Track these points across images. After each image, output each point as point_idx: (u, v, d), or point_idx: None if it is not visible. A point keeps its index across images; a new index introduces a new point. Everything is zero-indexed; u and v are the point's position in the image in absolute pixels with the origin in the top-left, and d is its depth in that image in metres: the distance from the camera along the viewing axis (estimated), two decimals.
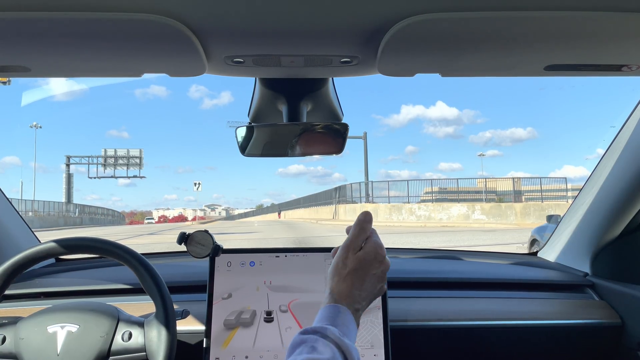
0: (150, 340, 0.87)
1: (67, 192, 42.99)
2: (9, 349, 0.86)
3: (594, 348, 1.15)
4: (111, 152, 44.57)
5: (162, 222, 58.44)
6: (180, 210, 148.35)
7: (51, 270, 1.40)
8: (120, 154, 44.61)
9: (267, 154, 1.05)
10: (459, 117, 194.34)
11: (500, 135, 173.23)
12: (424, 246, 9.30)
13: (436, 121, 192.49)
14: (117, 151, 44.52)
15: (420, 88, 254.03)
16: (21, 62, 0.71)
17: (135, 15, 0.58)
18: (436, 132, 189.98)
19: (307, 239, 13.54)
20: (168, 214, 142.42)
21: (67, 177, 44.96)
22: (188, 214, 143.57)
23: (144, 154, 44.78)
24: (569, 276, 1.31)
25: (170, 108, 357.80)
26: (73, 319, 0.88)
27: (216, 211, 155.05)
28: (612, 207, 1.16)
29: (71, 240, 0.89)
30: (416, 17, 0.59)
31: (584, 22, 0.60)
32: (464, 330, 1.12)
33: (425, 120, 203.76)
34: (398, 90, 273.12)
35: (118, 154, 44.51)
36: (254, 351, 0.99)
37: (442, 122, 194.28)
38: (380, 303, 1.01)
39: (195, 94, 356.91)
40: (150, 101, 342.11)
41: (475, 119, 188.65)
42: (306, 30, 0.65)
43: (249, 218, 64.22)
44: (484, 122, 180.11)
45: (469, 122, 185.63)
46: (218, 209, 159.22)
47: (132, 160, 45.49)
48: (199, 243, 0.96)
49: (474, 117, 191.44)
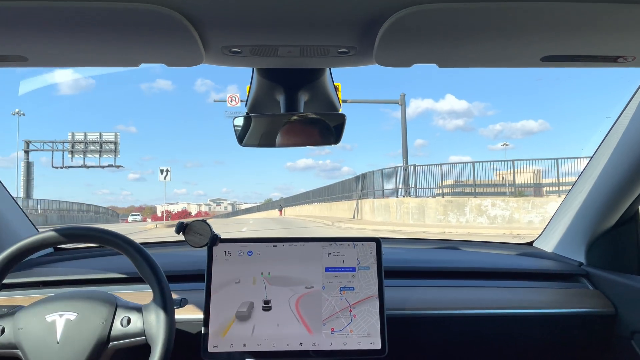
0: (149, 324, 0.88)
1: (25, 184, 35.04)
2: (8, 340, 0.87)
3: (588, 336, 1.17)
4: (80, 136, 36.46)
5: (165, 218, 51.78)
6: (184, 205, 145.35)
7: (50, 259, 1.41)
8: (91, 138, 36.48)
9: (264, 143, 1.05)
10: (469, 109, 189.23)
11: (511, 128, 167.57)
12: None
13: (445, 114, 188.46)
14: (88, 135, 36.46)
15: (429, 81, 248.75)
16: (18, 52, 0.71)
17: (133, 5, 0.58)
18: (445, 124, 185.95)
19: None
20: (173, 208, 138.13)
21: (26, 167, 36.61)
22: (192, 209, 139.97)
23: (120, 138, 36.66)
24: (564, 266, 1.32)
25: (177, 102, 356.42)
26: (71, 307, 0.89)
27: (222, 206, 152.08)
28: (607, 197, 1.17)
29: (68, 230, 0.89)
30: (413, 7, 0.59)
31: (580, 13, 0.60)
32: (460, 318, 1.13)
33: (435, 113, 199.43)
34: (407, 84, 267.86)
35: (89, 138, 36.39)
36: (252, 339, 1.01)
37: (452, 114, 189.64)
38: (377, 292, 1.03)
39: (201, 88, 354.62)
40: (157, 95, 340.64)
41: (486, 111, 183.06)
42: (303, 21, 0.65)
43: (248, 215, 59.53)
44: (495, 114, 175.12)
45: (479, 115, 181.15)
46: (224, 204, 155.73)
47: (105, 146, 37.25)
48: (197, 232, 0.98)
49: (484, 109, 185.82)
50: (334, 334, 1.01)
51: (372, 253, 1.06)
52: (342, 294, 1.03)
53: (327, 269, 1.05)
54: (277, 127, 1.02)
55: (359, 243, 1.07)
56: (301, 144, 1.02)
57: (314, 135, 1.02)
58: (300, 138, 1.02)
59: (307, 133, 1.02)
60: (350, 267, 1.05)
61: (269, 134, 1.03)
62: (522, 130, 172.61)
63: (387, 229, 15.27)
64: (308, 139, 1.02)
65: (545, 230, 1.51)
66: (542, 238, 1.52)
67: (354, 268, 1.05)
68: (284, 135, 1.02)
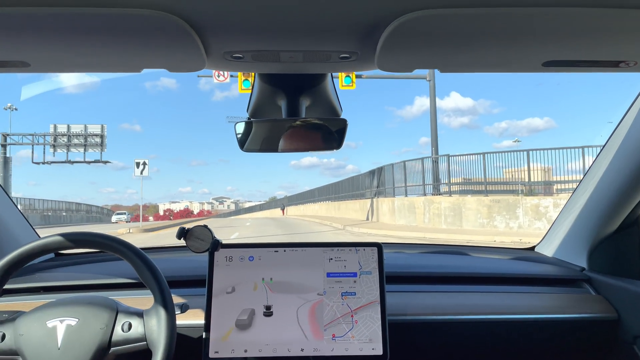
0: (150, 329, 0.87)
1: (3, 182, 31.84)
2: (9, 346, 0.86)
3: (591, 342, 1.16)
4: (63, 129, 33.27)
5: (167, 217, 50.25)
6: (187, 204, 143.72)
7: (51, 264, 1.41)
8: (75, 130, 33.26)
9: (265, 149, 1.04)
10: (474, 107, 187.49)
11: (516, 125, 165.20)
12: None
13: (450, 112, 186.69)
14: (72, 127, 33.26)
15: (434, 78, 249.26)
16: (21, 58, 0.71)
17: (135, 11, 0.58)
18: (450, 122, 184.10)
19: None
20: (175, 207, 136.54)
21: (2, 162, 33.21)
22: (194, 208, 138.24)
23: (106, 130, 33.47)
24: (565, 271, 1.31)
25: (181, 100, 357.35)
26: (71, 312, 0.88)
27: (224, 204, 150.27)
28: (609, 202, 1.16)
29: (69, 235, 0.89)
30: (415, 13, 0.59)
31: (582, 18, 0.60)
32: (462, 324, 1.12)
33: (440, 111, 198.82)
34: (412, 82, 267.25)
35: (72, 130, 33.18)
36: (253, 345, 1.00)
37: (457, 112, 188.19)
38: (379, 297, 1.03)
39: (205, 87, 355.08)
40: (161, 93, 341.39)
41: (491, 109, 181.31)
42: (305, 26, 0.65)
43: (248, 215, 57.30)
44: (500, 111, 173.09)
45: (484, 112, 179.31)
46: (227, 202, 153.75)
47: (91, 139, 34.03)
48: (198, 238, 0.97)
49: (489, 107, 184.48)
50: (335, 339, 1.00)
51: (373, 258, 1.06)
52: (343, 299, 1.03)
53: (328, 274, 1.05)
54: (278, 132, 1.02)
55: (361, 248, 1.06)
56: (303, 149, 1.02)
57: (316, 141, 1.01)
58: (301, 143, 1.01)
59: (309, 138, 1.01)
60: (351, 273, 1.05)
61: (270, 139, 1.03)
62: (527, 127, 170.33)
63: (414, 235, 12.11)
64: (310, 144, 1.02)
65: (547, 235, 1.50)
66: (544, 243, 1.51)
67: (355, 273, 1.05)
68: (285, 141, 1.01)
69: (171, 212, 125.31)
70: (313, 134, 1.00)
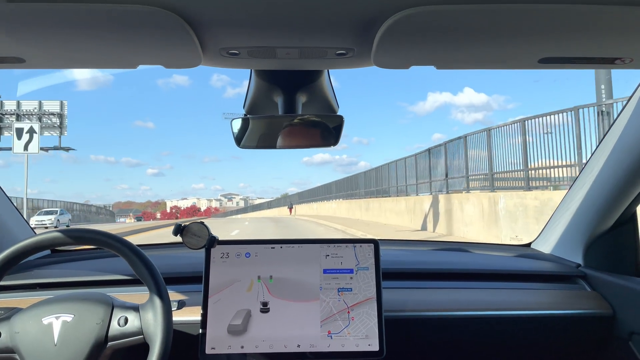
0: (146, 323, 0.87)
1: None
2: (5, 344, 0.86)
3: (586, 338, 1.17)
4: (12, 106, 26.30)
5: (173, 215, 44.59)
6: (194, 201, 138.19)
7: (47, 261, 1.41)
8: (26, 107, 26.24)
9: (262, 145, 1.04)
10: (488, 102, 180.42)
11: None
12: None
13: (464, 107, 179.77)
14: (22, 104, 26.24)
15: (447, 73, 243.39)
16: (16, 54, 0.71)
17: (131, 7, 0.58)
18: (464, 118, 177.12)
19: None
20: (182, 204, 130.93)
21: None
22: (202, 204, 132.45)
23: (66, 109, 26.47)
24: (561, 267, 1.32)
25: (193, 97, 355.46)
26: (67, 309, 0.88)
27: (233, 201, 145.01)
28: (605, 199, 1.16)
29: (65, 232, 0.89)
30: (411, 9, 0.59)
31: (578, 15, 0.60)
32: (458, 320, 1.13)
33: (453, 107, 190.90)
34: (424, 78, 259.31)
35: (23, 108, 26.16)
36: (249, 341, 1.00)
37: (470, 108, 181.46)
38: (375, 294, 1.03)
39: (217, 83, 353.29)
40: (174, 91, 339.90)
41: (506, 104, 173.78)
42: (301, 22, 0.65)
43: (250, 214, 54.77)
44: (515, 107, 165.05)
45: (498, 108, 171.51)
46: (235, 199, 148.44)
47: (47, 119, 26.91)
48: (195, 234, 0.97)
49: (504, 102, 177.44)
50: (331, 336, 1.00)
51: (370, 255, 1.06)
52: (340, 295, 1.03)
53: (325, 270, 1.05)
54: (275, 128, 1.02)
55: (357, 244, 1.07)
56: (299, 145, 1.03)
57: (313, 137, 1.02)
58: (298, 140, 1.02)
59: (306, 135, 1.02)
60: (348, 269, 1.05)
61: (267, 135, 1.03)
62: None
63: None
64: (306, 141, 1.02)
65: (543, 231, 1.50)
66: (540, 239, 1.51)
67: (352, 270, 1.05)
68: (282, 137, 1.01)
69: (178, 210, 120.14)
70: (310, 131, 1.01)
